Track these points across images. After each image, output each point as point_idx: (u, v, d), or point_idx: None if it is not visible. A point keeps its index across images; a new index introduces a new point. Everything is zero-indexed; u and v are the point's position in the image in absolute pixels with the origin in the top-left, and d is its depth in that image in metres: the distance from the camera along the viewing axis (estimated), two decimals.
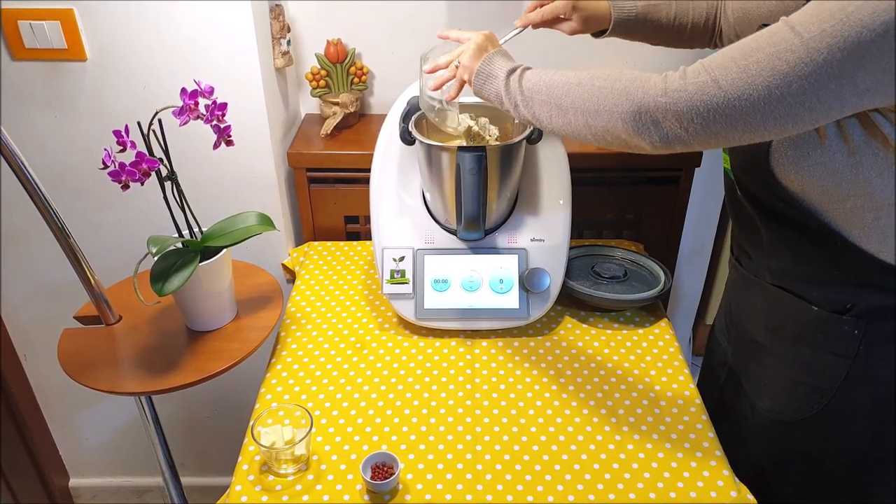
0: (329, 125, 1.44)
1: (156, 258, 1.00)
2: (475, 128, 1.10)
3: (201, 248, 1.05)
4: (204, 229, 1.09)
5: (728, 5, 1.06)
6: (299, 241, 1.54)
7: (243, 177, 1.37)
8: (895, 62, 0.67)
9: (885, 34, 0.66)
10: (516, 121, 1.03)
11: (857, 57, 0.67)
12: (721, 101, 0.72)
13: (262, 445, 0.93)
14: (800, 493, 1.02)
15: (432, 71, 1.01)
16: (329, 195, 1.44)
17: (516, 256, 1.17)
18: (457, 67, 0.97)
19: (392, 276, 1.16)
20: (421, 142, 1.09)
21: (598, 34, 1.08)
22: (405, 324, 1.20)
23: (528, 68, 0.91)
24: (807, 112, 0.71)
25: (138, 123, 0.97)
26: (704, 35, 1.09)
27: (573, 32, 1.07)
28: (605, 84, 0.81)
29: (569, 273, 1.22)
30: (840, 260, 0.87)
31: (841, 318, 0.89)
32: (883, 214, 0.82)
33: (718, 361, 1.17)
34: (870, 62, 0.67)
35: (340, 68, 1.44)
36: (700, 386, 1.17)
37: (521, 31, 1.05)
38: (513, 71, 0.90)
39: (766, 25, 0.89)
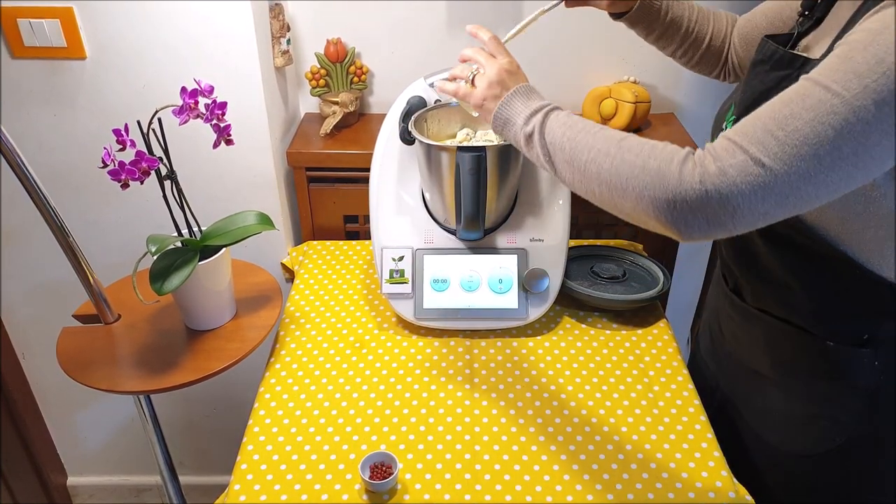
0: (328, 124, 1.44)
1: (155, 257, 1.00)
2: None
3: (200, 247, 1.05)
4: (203, 228, 1.09)
5: (734, 31, 1.05)
6: (298, 240, 1.54)
7: (243, 176, 1.37)
8: None
9: None
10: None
11: None
12: (768, 181, 0.66)
13: None
14: None
15: (451, 79, 0.96)
16: (328, 194, 1.44)
17: (515, 256, 1.17)
18: (471, 85, 0.91)
19: (391, 276, 1.16)
20: (420, 141, 1.09)
21: (618, 16, 1.06)
22: (404, 323, 1.20)
23: (551, 112, 0.83)
24: (860, 172, 0.67)
25: (138, 122, 0.97)
26: (716, 57, 1.07)
27: (606, 7, 1.04)
28: (636, 161, 0.73)
29: (568, 273, 1.22)
30: (858, 291, 0.83)
31: (859, 350, 0.85)
32: None
33: (706, 385, 1.11)
34: None
35: (340, 67, 1.44)
36: None
37: (556, 5, 1.02)
38: (532, 115, 0.83)
39: (769, 37, 0.86)
